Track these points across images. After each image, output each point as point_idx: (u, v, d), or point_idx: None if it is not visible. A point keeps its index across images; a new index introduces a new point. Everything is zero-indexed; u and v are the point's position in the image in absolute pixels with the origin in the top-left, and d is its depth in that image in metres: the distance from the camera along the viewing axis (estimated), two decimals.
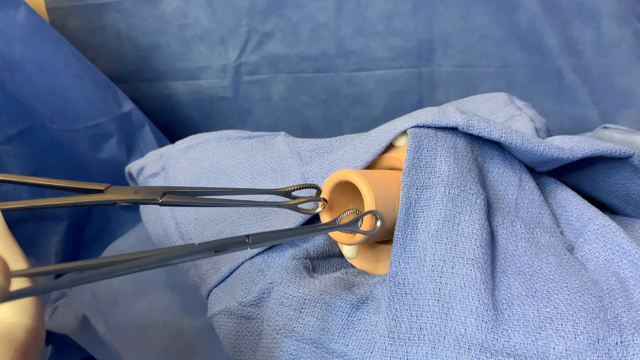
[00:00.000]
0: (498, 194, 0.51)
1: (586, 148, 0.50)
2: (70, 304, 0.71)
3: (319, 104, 1.02)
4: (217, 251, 0.34)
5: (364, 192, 0.45)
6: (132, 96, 0.93)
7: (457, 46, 0.91)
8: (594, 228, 0.50)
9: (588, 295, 0.43)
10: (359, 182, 0.46)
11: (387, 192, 0.47)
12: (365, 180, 0.45)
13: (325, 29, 0.94)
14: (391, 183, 0.49)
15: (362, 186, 0.45)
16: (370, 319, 0.46)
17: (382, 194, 0.46)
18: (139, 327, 0.64)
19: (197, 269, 0.56)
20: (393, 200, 0.48)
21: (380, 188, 0.46)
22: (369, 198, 0.45)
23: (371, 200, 0.45)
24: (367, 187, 0.45)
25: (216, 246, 0.34)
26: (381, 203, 0.46)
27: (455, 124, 0.50)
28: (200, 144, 0.65)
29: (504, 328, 0.42)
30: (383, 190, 0.47)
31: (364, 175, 0.46)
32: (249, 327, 0.51)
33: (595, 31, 0.82)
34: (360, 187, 0.45)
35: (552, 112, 0.90)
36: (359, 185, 0.46)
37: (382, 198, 0.46)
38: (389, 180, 0.49)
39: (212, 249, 0.34)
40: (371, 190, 0.45)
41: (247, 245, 0.36)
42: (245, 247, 0.36)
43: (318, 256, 0.54)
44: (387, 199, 0.47)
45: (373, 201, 0.45)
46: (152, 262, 0.31)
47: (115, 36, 0.99)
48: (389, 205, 0.47)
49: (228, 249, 0.35)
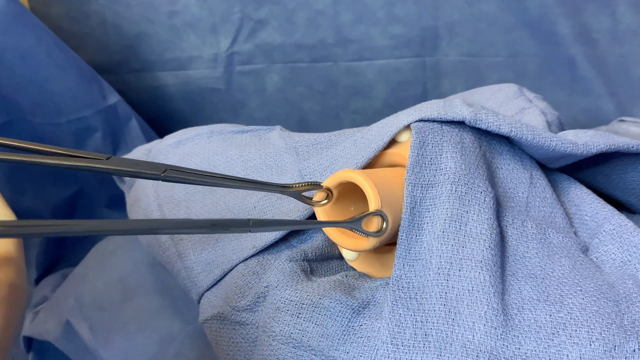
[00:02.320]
0: (508, 192, 0.51)
1: (601, 143, 0.50)
2: (52, 309, 0.71)
3: (316, 96, 1.02)
4: (214, 225, 0.35)
5: (369, 194, 0.45)
6: (118, 88, 0.93)
7: (464, 34, 0.91)
8: (610, 228, 0.50)
9: (604, 300, 0.43)
10: (364, 184, 0.45)
11: (391, 192, 0.47)
12: (371, 182, 0.45)
13: (323, 16, 0.94)
14: (395, 182, 0.48)
15: (368, 189, 0.45)
16: (372, 324, 0.46)
17: (386, 194, 0.46)
18: (126, 333, 0.64)
19: (188, 272, 0.56)
20: (398, 200, 0.48)
21: (384, 189, 0.46)
22: (374, 201, 0.45)
23: (376, 203, 0.45)
24: (373, 189, 0.45)
25: (215, 221, 0.35)
26: (386, 206, 0.45)
27: (462, 118, 0.50)
28: (190, 138, 0.65)
29: (515, 334, 0.42)
30: (387, 190, 0.46)
31: (367, 175, 0.46)
32: (243, 334, 0.51)
33: (610, 18, 0.82)
34: (366, 190, 0.45)
35: (564, 105, 0.90)
36: (364, 187, 0.45)
37: (387, 200, 0.46)
38: (392, 180, 0.49)
39: (210, 224, 0.35)
40: (377, 193, 0.45)
41: (248, 228, 0.37)
42: (246, 230, 0.37)
43: (316, 258, 0.54)
44: (392, 200, 0.47)
45: (379, 204, 0.45)
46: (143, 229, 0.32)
47: (100, 24, 0.98)
48: (393, 206, 0.47)
49: (228, 227, 0.36)
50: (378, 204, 0.45)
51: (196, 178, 0.40)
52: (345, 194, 0.50)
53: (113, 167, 0.37)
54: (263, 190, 0.44)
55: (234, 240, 0.55)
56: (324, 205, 0.48)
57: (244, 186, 0.43)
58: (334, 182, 0.47)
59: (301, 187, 0.45)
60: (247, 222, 0.37)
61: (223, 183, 0.41)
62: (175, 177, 0.39)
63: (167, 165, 0.39)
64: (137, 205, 0.62)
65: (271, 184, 0.44)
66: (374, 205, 0.45)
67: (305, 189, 0.46)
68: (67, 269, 0.85)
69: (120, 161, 0.38)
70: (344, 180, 0.47)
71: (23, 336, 0.72)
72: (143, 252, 0.71)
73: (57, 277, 0.85)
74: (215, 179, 0.41)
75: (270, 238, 0.53)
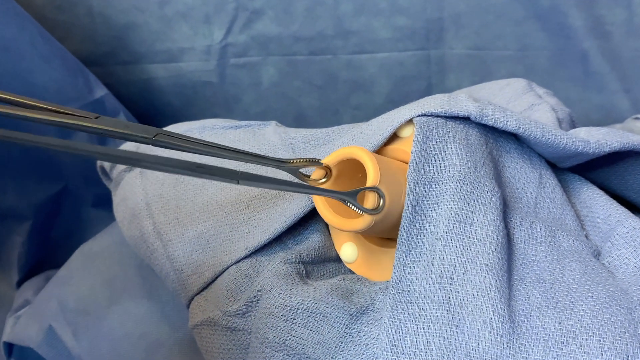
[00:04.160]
0: (515, 192, 0.51)
1: (615, 141, 0.50)
2: (34, 314, 0.71)
3: (314, 91, 1.02)
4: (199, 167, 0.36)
5: (368, 169, 0.45)
6: (105, 81, 0.93)
7: (471, 26, 0.91)
8: (624, 231, 0.49)
9: (616, 307, 0.43)
10: (365, 158, 0.45)
11: (393, 177, 0.47)
12: (373, 158, 0.45)
13: (322, 7, 0.93)
14: (398, 171, 0.48)
15: (368, 163, 0.45)
16: (371, 331, 0.45)
17: (388, 175, 0.46)
18: (112, 339, 0.64)
19: (177, 274, 0.56)
20: (400, 189, 0.47)
21: (386, 169, 0.46)
22: (372, 175, 0.44)
23: (375, 177, 0.44)
24: (374, 165, 0.45)
25: (202, 165, 0.36)
26: (386, 188, 0.45)
27: (467, 113, 0.50)
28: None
29: (522, 342, 0.42)
30: (389, 172, 0.46)
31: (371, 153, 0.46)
32: (235, 340, 0.51)
33: (625, 10, 0.82)
34: (366, 164, 0.45)
35: (576, 101, 0.90)
36: (364, 162, 0.45)
37: (387, 182, 0.45)
38: (396, 168, 0.49)
39: (195, 166, 0.35)
40: (378, 169, 0.44)
41: (236, 179, 0.38)
42: (234, 180, 0.38)
43: (312, 260, 0.54)
44: (393, 184, 0.46)
45: (377, 177, 0.44)
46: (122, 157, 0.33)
47: (87, 13, 0.98)
48: (394, 191, 0.47)
49: (214, 174, 0.37)
50: (377, 179, 0.44)
51: (188, 145, 0.40)
52: (345, 179, 0.50)
53: (102, 127, 0.37)
54: (259, 163, 0.44)
55: (226, 241, 0.55)
56: (321, 184, 0.48)
57: (239, 157, 0.43)
58: (334, 160, 0.47)
59: (299, 163, 0.46)
60: (235, 173, 0.37)
61: (216, 152, 0.41)
62: (167, 142, 0.39)
63: (159, 130, 0.39)
64: (124, 204, 0.62)
65: (268, 157, 0.45)
66: (372, 179, 0.44)
67: (304, 165, 0.46)
68: (50, 271, 0.85)
69: (110, 121, 0.38)
70: (345, 157, 0.47)
71: (3, 342, 0.72)
72: (130, 254, 0.71)
73: (39, 279, 0.85)
74: (208, 148, 0.41)
75: (264, 238, 0.53)
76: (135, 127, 0.38)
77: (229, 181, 0.37)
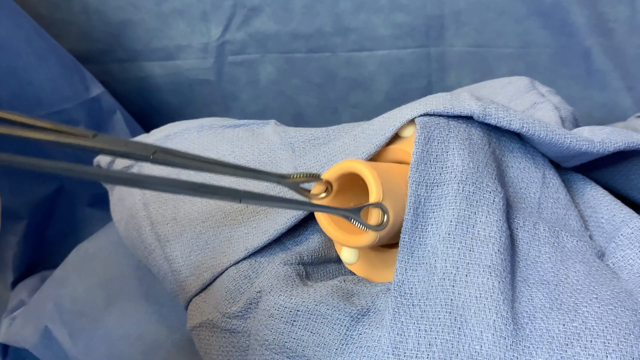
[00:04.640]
0: (519, 192, 0.51)
1: (619, 140, 0.50)
2: (30, 314, 0.71)
3: (313, 89, 1.02)
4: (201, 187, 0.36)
5: (370, 185, 0.44)
6: (101, 79, 0.93)
7: (471, 23, 0.91)
8: (628, 232, 0.49)
9: (621, 308, 0.43)
10: (366, 173, 0.45)
11: (395, 188, 0.47)
12: (374, 171, 0.45)
13: (321, 3, 0.93)
14: (399, 179, 0.48)
15: (370, 178, 0.44)
16: (372, 333, 0.45)
17: (389, 189, 0.45)
18: (109, 341, 0.64)
19: (175, 275, 0.56)
20: (401, 197, 0.47)
21: (387, 183, 0.46)
22: (375, 192, 0.44)
23: (378, 194, 0.44)
24: (376, 180, 0.44)
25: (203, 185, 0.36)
26: (389, 200, 0.45)
27: (470, 112, 0.50)
28: (178, 133, 0.65)
29: (525, 345, 0.42)
30: (391, 185, 0.46)
31: (371, 166, 0.45)
32: (234, 342, 0.50)
33: (628, 7, 0.82)
34: (367, 180, 0.45)
35: (579, 99, 0.90)
36: (366, 177, 0.45)
37: (390, 195, 0.45)
38: (397, 176, 0.48)
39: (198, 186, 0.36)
40: (380, 184, 0.44)
41: (239, 197, 0.38)
42: (236, 199, 0.38)
43: (312, 261, 0.54)
44: (395, 197, 0.46)
45: (380, 195, 0.44)
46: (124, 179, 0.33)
47: (83, 10, 0.98)
48: (396, 203, 0.46)
49: (216, 193, 0.37)
50: (380, 195, 0.44)
51: (188, 162, 0.40)
52: (346, 191, 0.49)
53: (100, 146, 0.37)
54: (258, 179, 0.44)
55: (225, 241, 0.55)
56: (322, 199, 0.47)
57: (239, 174, 0.43)
58: (334, 174, 0.47)
59: (299, 179, 0.45)
60: (237, 192, 0.37)
61: (216, 169, 0.41)
62: (166, 159, 0.39)
63: (158, 147, 0.38)
64: (121, 204, 0.62)
65: (268, 172, 0.44)
66: (375, 196, 0.44)
67: (304, 181, 0.45)
68: (46, 272, 0.84)
69: (108, 139, 0.38)
70: (345, 172, 0.46)
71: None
72: (127, 255, 0.71)
73: (35, 280, 0.85)
74: (208, 165, 0.41)
75: (264, 239, 0.53)
76: (133, 145, 0.38)
77: (232, 200, 0.37)
